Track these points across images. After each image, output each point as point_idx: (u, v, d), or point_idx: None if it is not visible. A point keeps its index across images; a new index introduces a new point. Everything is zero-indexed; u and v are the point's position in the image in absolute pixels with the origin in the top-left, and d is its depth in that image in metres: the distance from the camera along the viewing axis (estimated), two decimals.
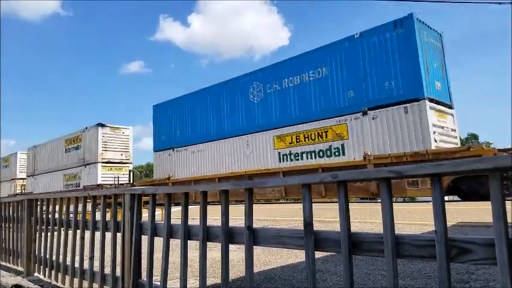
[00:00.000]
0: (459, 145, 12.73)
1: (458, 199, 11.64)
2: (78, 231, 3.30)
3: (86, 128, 25.02)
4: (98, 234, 3.06)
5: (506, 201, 1.13)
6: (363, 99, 12.88)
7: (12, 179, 34.45)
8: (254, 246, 1.82)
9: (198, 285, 2.07)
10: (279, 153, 15.21)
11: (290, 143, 14.87)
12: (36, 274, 3.95)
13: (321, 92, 14.09)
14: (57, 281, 3.49)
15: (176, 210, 3.28)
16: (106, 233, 2.98)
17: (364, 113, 12.75)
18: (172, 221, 2.36)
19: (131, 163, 25.62)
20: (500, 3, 9.05)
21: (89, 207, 3.34)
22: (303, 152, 14.46)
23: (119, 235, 2.81)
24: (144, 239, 2.56)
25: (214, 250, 3.92)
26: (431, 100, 11.71)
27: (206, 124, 18.31)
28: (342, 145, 13.35)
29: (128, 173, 24.02)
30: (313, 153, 14.19)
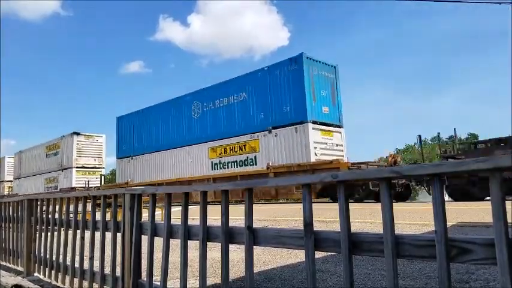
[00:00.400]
0: (345, 157, 15.96)
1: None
2: (78, 231, 3.30)
3: (63, 136, 28.05)
4: (97, 235, 3.06)
5: (506, 201, 1.13)
6: (269, 120, 16.22)
7: (1, 181, 37.78)
8: (254, 246, 1.82)
9: (198, 285, 2.07)
10: (212, 162, 18.29)
11: (219, 154, 18.01)
12: (36, 274, 3.95)
13: (242, 112, 17.35)
14: (57, 281, 3.49)
15: (176, 210, 3.28)
16: (106, 233, 2.98)
17: (270, 131, 16.12)
18: (172, 221, 2.36)
19: (104, 168, 28.93)
20: (500, 3, 9.04)
21: (89, 207, 3.34)
22: (229, 162, 17.60)
23: (119, 235, 2.81)
24: (144, 239, 2.56)
25: (214, 250, 3.92)
26: (314, 122, 15.03)
27: (157, 136, 21.28)
28: (255, 157, 16.64)
29: (99, 177, 26.78)
30: (235, 163, 17.38)
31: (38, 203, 4.05)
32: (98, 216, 3.14)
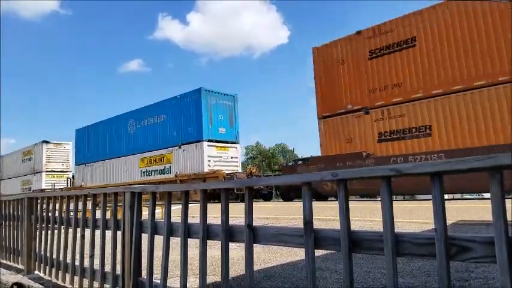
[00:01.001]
0: (239, 168, 20.95)
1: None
2: (79, 230, 3.30)
3: (36, 143, 32.32)
4: (98, 233, 3.06)
5: (506, 200, 1.13)
6: (180, 138, 20.53)
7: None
8: (254, 244, 1.82)
9: (198, 283, 2.07)
10: (141, 170, 22.72)
11: (147, 164, 22.40)
12: (36, 272, 3.96)
13: (163, 130, 21.65)
14: (57, 279, 3.49)
15: (176, 209, 3.28)
16: (106, 231, 2.99)
17: (180, 147, 20.44)
18: (172, 219, 2.37)
19: (70, 171, 32.56)
20: (500, 1, 9.01)
21: (89, 205, 3.35)
22: (153, 170, 21.99)
23: (119, 233, 2.82)
24: (144, 237, 2.56)
25: (214, 248, 3.92)
26: (210, 141, 19.46)
27: (104, 147, 25.69)
28: (170, 167, 20.89)
29: (66, 180, 31.09)
30: (157, 171, 21.69)
31: (38, 201, 4.06)
32: (98, 214, 3.14)
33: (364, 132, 13.77)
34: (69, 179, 30.07)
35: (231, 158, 20.31)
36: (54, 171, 31.59)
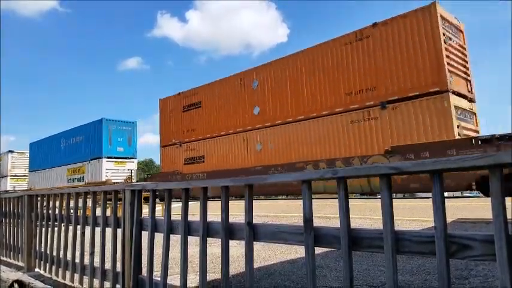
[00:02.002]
0: (134, 178, 26.98)
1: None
2: (79, 227, 3.31)
3: (3, 152, 40.32)
4: (98, 230, 3.07)
5: (506, 198, 1.13)
6: (89, 154, 26.70)
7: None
8: (254, 242, 1.82)
9: (198, 281, 2.08)
10: (67, 178, 29.12)
11: (71, 173, 28.83)
12: (36, 269, 3.97)
13: (80, 148, 27.92)
14: (57, 277, 3.50)
15: (176, 206, 3.29)
16: (106, 228, 2.99)
17: (89, 161, 26.69)
18: (173, 217, 2.37)
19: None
20: None
21: (89, 203, 3.35)
22: (74, 178, 28.23)
23: (119, 231, 2.82)
24: (145, 235, 2.57)
25: (214, 246, 3.93)
26: (109, 157, 25.86)
27: (46, 158, 32.23)
28: (84, 176, 26.98)
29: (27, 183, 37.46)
30: (76, 179, 27.88)
31: (38, 198, 4.06)
32: (99, 212, 3.14)
33: (179, 158, 21.22)
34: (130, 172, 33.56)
35: (128, 169, 27.08)
36: (17, 176, 39.37)
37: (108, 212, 3.09)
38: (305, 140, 15.48)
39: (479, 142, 10.69)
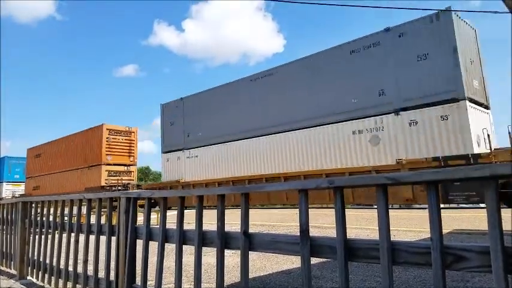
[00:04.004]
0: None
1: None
2: (73, 234, 3.27)
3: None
4: (92, 238, 3.03)
5: (502, 210, 1.13)
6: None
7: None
8: (250, 252, 1.81)
9: None
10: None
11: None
12: (29, 277, 3.91)
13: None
14: (50, 285, 3.45)
15: (172, 214, 3.26)
16: (100, 236, 2.96)
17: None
18: (168, 225, 2.35)
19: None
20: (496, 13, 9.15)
21: (84, 210, 3.31)
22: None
23: (113, 239, 2.79)
24: (139, 243, 2.54)
25: (209, 255, 3.90)
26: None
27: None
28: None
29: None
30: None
31: (33, 205, 4.02)
32: (93, 219, 3.11)
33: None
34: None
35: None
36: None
37: (103, 220, 3.06)
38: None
39: None
